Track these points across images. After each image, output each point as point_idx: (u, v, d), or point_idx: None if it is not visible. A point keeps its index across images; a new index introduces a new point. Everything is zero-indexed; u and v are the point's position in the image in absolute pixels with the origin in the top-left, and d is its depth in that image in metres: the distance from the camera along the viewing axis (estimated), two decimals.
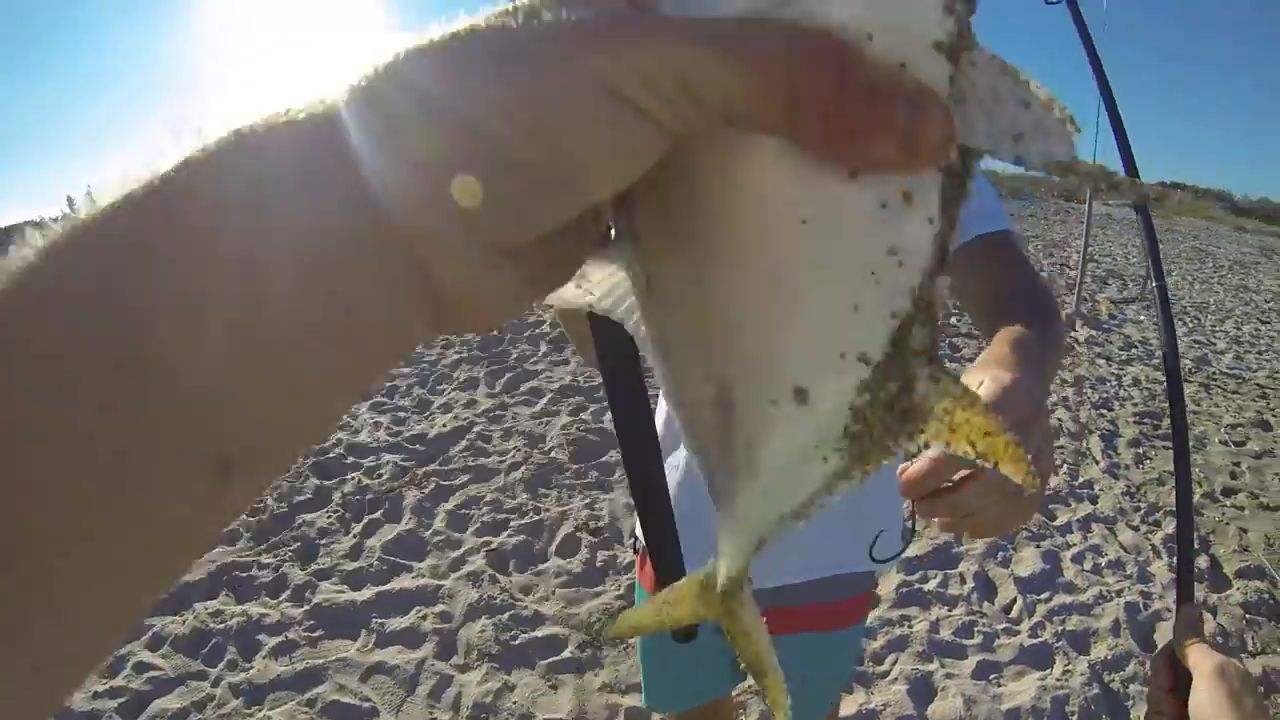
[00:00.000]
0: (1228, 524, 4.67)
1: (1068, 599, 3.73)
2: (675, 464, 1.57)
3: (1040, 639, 3.43)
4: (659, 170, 0.30)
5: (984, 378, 0.78)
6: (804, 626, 1.61)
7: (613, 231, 0.37)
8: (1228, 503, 4.97)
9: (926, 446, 0.39)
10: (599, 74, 0.26)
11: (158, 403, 0.25)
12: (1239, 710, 0.89)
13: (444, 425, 4.96)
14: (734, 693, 1.90)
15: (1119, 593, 3.81)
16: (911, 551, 3.93)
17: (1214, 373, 7.60)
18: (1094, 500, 4.69)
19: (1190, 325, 9.49)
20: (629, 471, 1.05)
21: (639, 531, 1.47)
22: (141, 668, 3.18)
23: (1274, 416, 6.61)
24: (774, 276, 0.33)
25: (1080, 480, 4.91)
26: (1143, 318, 8.97)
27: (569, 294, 0.44)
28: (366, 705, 2.91)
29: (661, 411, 1.64)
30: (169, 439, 0.25)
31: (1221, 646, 0.96)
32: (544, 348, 5.94)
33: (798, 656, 1.66)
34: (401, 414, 5.18)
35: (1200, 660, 0.95)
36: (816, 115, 0.27)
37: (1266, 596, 3.99)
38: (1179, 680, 0.99)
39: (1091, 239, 9.75)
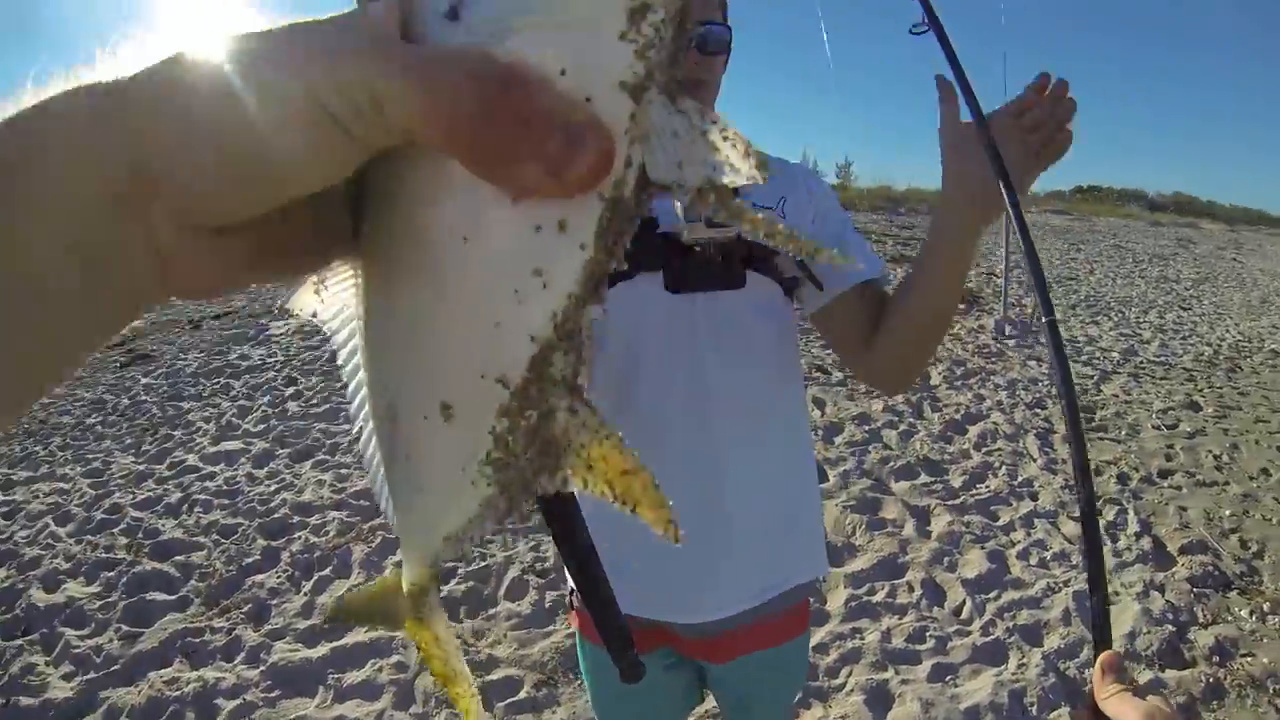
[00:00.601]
0: (1167, 504, 4.80)
1: (1016, 595, 3.80)
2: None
3: (992, 636, 3.48)
4: (377, 183, 0.34)
5: None
6: (753, 646, 1.63)
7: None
8: (1165, 484, 5.11)
9: (565, 486, 0.40)
10: (314, 92, 0.29)
11: None
12: None
13: None
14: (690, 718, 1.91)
15: (1066, 583, 3.88)
16: (857, 565, 3.97)
17: (1142, 362, 7.82)
18: (1034, 497, 4.78)
19: (1116, 320, 9.74)
20: (548, 520, 1.06)
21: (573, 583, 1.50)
22: None
23: (1202, 397, 6.82)
24: (436, 288, 0.35)
25: (1020, 479, 5.01)
26: (1071, 319, 9.21)
27: (305, 299, 0.46)
28: None
29: None
30: None
31: (1149, 689, 0.89)
32: None
33: (751, 676, 1.69)
34: (344, 470, 5.13)
35: (1125, 711, 0.88)
36: (472, 136, 0.30)
37: (1211, 569, 4.10)
38: None
39: (1016, 246, 9.94)
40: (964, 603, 3.72)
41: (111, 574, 4.23)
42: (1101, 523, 4.44)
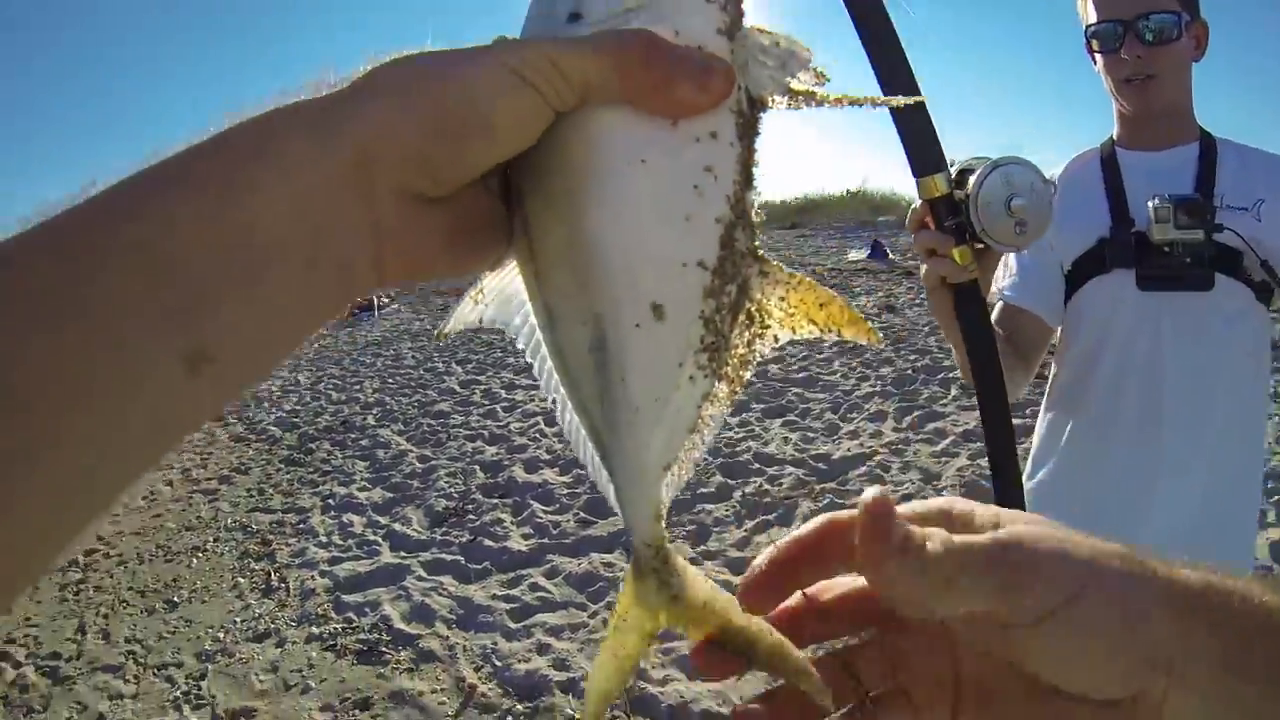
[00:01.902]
0: None
1: None
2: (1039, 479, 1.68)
3: None
4: (541, 157, 0.43)
5: None
6: None
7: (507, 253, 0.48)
8: None
9: (777, 342, 0.49)
10: (505, 61, 0.39)
11: (151, 287, 0.32)
12: None
13: (848, 450, 5.06)
14: None
15: None
16: None
17: None
18: None
19: None
20: (993, 468, 1.19)
21: None
22: (535, 588, 3.83)
23: None
24: (627, 211, 0.43)
25: None
26: None
27: (467, 313, 0.55)
28: None
29: (1037, 434, 1.75)
30: (153, 321, 0.32)
31: None
32: (954, 391, 5.83)
33: None
34: (810, 434, 5.39)
35: None
36: (640, 74, 0.41)
37: None
38: None
39: None
40: None
41: (582, 471, 4.92)
42: None
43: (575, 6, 0.43)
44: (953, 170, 1.22)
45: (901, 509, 0.45)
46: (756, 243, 0.46)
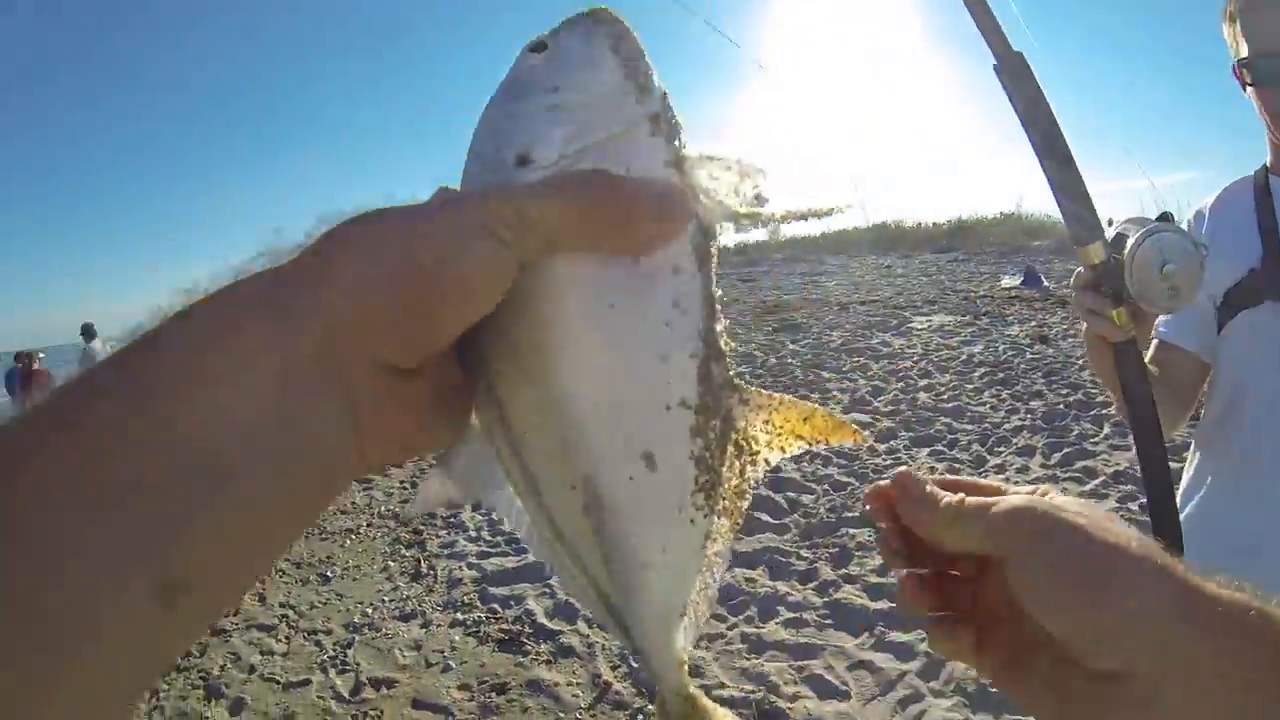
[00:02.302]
0: None
1: None
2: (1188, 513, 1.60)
3: None
4: (503, 314, 0.40)
5: None
6: None
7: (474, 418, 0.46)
8: None
9: (769, 465, 0.50)
10: (471, 214, 0.38)
11: (105, 515, 0.29)
12: None
13: None
14: None
15: None
16: None
17: None
18: None
19: None
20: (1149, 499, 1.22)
21: None
22: None
23: None
24: (601, 356, 0.42)
25: None
26: None
27: (433, 491, 0.51)
28: (843, 688, 3.17)
29: (1186, 469, 1.68)
30: (113, 555, 0.29)
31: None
32: (1106, 429, 5.62)
33: None
34: (957, 464, 5.30)
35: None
36: (603, 216, 0.40)
37: None
38: None
39: None
40: None
41: None
42: None
43: (523, 150, 0.43)
44: (1109, 233, 1.29)
45: (945, 477, 0.58)
46: (731, 372, 0.46)
